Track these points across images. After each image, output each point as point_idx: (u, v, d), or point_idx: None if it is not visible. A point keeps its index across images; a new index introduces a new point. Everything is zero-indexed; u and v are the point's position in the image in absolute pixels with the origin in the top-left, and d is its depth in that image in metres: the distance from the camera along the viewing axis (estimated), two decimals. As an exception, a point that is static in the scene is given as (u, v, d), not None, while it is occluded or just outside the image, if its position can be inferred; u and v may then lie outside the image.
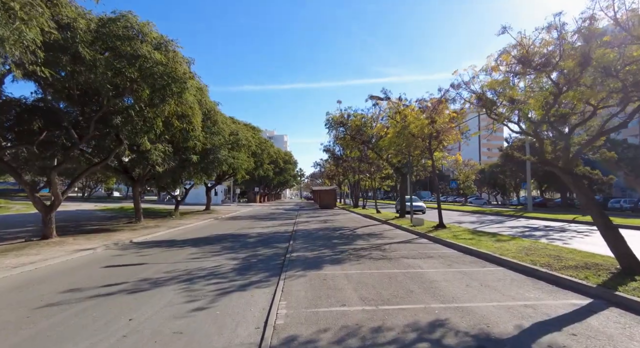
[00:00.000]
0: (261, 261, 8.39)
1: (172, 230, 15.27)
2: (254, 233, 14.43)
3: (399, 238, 12.07)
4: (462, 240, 10.35)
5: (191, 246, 10.82)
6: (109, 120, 11.19)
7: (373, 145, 18.53)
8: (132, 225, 16.88)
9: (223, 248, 10.43)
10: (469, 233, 12.16)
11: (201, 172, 17.90)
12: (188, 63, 10.42)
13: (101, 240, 11.26)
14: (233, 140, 19.73)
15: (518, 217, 22.47)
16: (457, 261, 8.01)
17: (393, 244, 10.75)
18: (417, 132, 12.77)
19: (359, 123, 18.51)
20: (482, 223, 19.00)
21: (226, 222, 20.14)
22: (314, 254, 9.13)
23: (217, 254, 9.32)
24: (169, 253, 9.60)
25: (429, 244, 10.71)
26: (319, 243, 11.11)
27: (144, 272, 7.08)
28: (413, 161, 16.16)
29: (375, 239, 12.04)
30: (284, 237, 12.98)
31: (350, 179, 36.24)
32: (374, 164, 25.50)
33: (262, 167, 32.72)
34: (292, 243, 11.20)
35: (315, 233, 14.22)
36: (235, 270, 7.36)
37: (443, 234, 11.85)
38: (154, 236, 13.32)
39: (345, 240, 11.79)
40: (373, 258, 8.37)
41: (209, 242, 11.67)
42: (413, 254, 8.94)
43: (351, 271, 7.05)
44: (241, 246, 10.83)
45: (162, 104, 9.42)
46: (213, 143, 17.37)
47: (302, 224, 18.46)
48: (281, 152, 58.62)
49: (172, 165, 15.84)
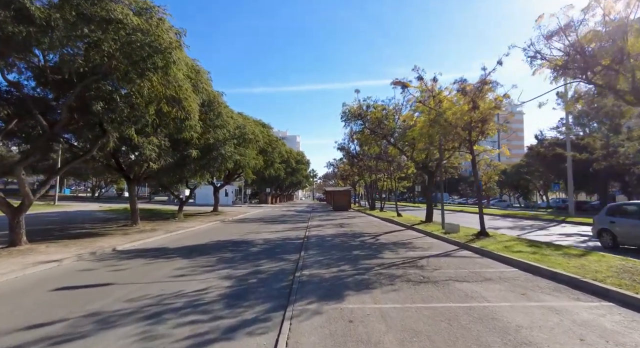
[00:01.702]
0: (262, 282, 6.37)
1: (169, 235, 13.48)
2: (260, 239, 12.46)
3: (435, 250, 9.85)
4: (520, 254, 8.06)
5: (181, 257, 8.93)
6: (89, 106, 9.44)
7: (396, 140, 16.29)
8: (126, 228, 15.21)
9: (219, 260, 8.48)
10: (521, 244, 9.83)
11: (203, 169, 16.09)
12: (178, 34, 8.56)
13: (78, 249, 9.51)
14: (239, 134, 17.89)
15: (560, 222, 19.75)
16: (532, 287, 5.78)
17: (431, 258, 8.55)
18: (454, 121, 10.53)
19: (379, 115, 16.29)
20: (522, 229, 16.48)
21: (232, 225, 18.30)
22: (331, 272, 7.05)
23: (209, 270, 7.37)
24: (150, 267, 7.72)
25: (477, 259, 8.46)
26: (336, 255, 9.03)
27: (99, 301, 5.17)
28: (444, 157, 13.91)
29: (406, 250, 9.86)
30: (293, 246, 10.96)
31: (366, 179, 33.96)
32: (394, 162, 23.24)
33: (273, 166, 30.81)
34: (303, 254, 9.16)
35: (331, 240, 12.14)
36: (225, 297, 5.36)
37: (490, 245, 9.56)
38: (144, 242, 11.53)
39: (368, 251, 9.66)
40: (412, 281, 6.23)
41: (205, 252, 9.77)
42: (463, 275, 6.74)
43: (387, 305, 4.93)
44: (242, 258, 8.86)
45: (141, 79, 7.57)
46: (216, 137, 15.55)
47: (315, 229, 16.41)
48: (293, 152, 56.85)
49: (170, 161, 14.07)
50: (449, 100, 10.85)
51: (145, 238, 12.40)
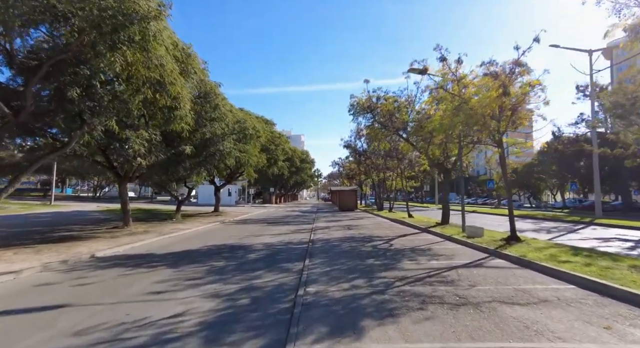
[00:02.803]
0: (256, 303, 5.05)
1: (161, 239, 12.25)
2: (260, 244, 11.16)
3: (462, 258, 8.45)
4: (572, 266, 6.64)
5: (167, 266, 7.66)
6: (64, 92, 8.22)
7: (409, 135, 14.83)
8: (116, 230, 14.02)
9: (209, 271, 7.19)
10: (564, 252, 8.38)
11: (199, 167, 14.83)
12: (162, 6, 7.25)
13: (50, 256, 8.29)
14: (238, 129, 16.59)
15: (588, 224, 18.13)
16: (612, 316, 4.38)
17: (459, 269, 7.15)
18: (480, 109, 9.11)
19: (390, 107, 14.85)
20: (549, 232, 14.97)
21: (232, 227, 17.05)
22: (341, 290, 5.70)
23: (194, 284, 6.08)
24: (125, 280, 6.45)
25: (517, 270, 7.04)
26: (346, 265, 7.68)
27: (35, 334, 3.89)
28: (464, 151, 12.47)
29: (427, 258, 8.47)
30: (297, 252, 9.64)
31: (373, 178, 32.51)
32: (405, 159, 21.78)
33: (276, 165, 29.49)
34: (307, 263, 7.83)
35: (339, 245, 10.79)
36: (204, 329, 4.05)
37: (528, 252, 8.13)
38: (131, 247, 10.30)
39: (383, 260, 8.29)
40: (447, 304, 4.86)
41: (195, 259, 8.49)
42: (509, 294, 5.35)
43: (423, 344, 3.58)
44: (236, 267, 7.56)
45: (111, 53, 6.28)
46: (213, 131, 14.27)
47: (321, 231, 15.07)
48: (297, 151, 55.62)
49: (162, 157, 12.83)
50: (475, 85, 9.45)
51: (134, 242, 11.18)
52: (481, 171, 79.77)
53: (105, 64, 6.58)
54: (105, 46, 6.19)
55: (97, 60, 6.54)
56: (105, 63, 6.52)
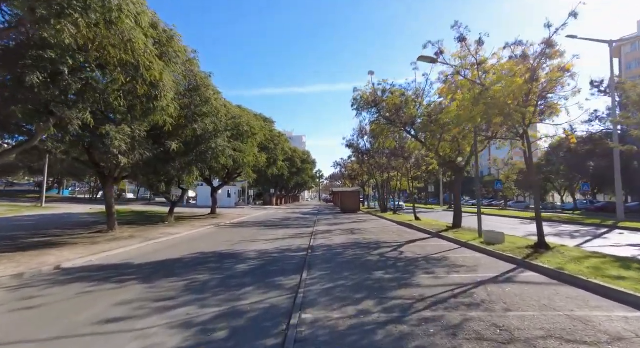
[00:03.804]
0: (235, 338, 3.84)
1: (144, 245, 11.08)
2: (253, 252, 9.96)
3: (486, 270, 7.20)
4: (634, 286, 5.38)
5: (139, 280, 6.47)
6: (23, 76, 7.07)
7: (418, 130, 13.54)
8: (98, 235, 12.87)
9: (186, 288, 5.99)
10: (607, 263, 7.13)
11: (190, 166, 13.62)
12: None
13: (6, 267, 7.13)
14: (232, 125, 15.38)
15: (612, 228, 16.77)
16: None
17: (488, 286, 5.91)
18: (503, 98, 7.87)
19: (397, 101, 13.61)
20: (572, 237, 13.66)
21: (226, 231, 15.86)
22: (347, 317, 4.48)
23: (164, 307, 4.88)
24: (81, 300, 5.27)
25: (559, 288, 5.79)
26: (351, 279, 6.45)
27: None
28: (479, 147, 11.21)
29: (445, 270, 7.23)
30: (294, 262, 8.42)
31: (377, 179, 31.24)
32: (411, 158, 20.50)
33: (276, 165, 28.26)
34: (305, 276, 6.63)
35: (342, 253, 9.57)
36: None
37: (567, 264, 6.88)
38: (106, 256, 9.12)
39: (395, 272, 7.06)
40: (488, 341, 3.63)
41: (174, 272, 7.29)
42: (564, 325, 4.11)
43: None
44: (220, 283, 6.36)
45: (57, 20, 5.10)
46: (205, 127, 13.09)
47: (322, 236, 13.86)
48: (298, 151, 54.47)
49: (147, 156, 11.65)
50: (497, 70, 8.21)
51: (113, 249, 10.02)
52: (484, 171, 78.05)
53: (50, 34, 5.40)
54: (50, 11, 5.02)
55: (41, 28, 5.36)
56: (51, 33, 5.34)
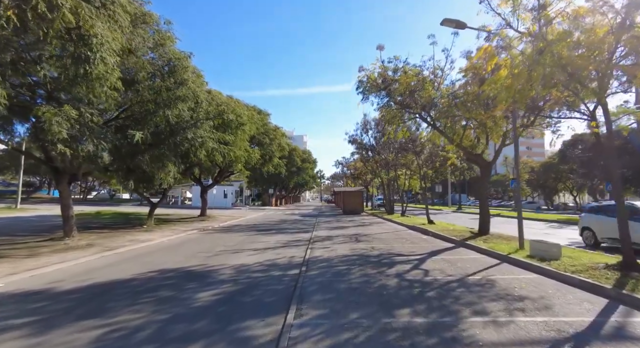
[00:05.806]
0: None
1: (96, 258, 8.80)
2: (230, 269, 7.62)
3: (565, 311, 4.84)
4: None
5: (32, 327, 4.17)
6: None
7: (436, 116, 11.06)
8: (49, 244, 10.62)
9: (95, 343, 3.67)
10: None
11: (162, 160, 11.23)
12: None
13: None
14: (214, 113, 13.01)
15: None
16: None
17: None
18: (575, 61, 5.51)
19: (412, 80, 11.17)
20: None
21: (209, 237, 13.55)
22: None
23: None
24: None
25: None
26: (363, 329, 4.09)
27: None
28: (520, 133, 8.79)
29: (503, 307, 4.86)
30: (279, 287, 6.06)
31: (382, 177, 28.82)
32: (422, 153, 18.12)
33: (272, 162, 25.87)
34: (290, 320, 4.29)
35: (346, 273, 7.20)
36: None
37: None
38: (29, 276, 6.81)
39: (427, 312, 4.70)
40: None
41: (104, 306, 4.97)
42: None
43: None
44: (156, 332, 4.03)
45: None
46: (179, 115, 10.77)
47: (321, 244, 11.51)
48: (298, 150, 52.20)
49: (104, 146, 9.34)
50: (565, 17, 5.81)
51: (50, 264, 7.77)
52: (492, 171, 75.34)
53: None
54: None
55: None
56: None
